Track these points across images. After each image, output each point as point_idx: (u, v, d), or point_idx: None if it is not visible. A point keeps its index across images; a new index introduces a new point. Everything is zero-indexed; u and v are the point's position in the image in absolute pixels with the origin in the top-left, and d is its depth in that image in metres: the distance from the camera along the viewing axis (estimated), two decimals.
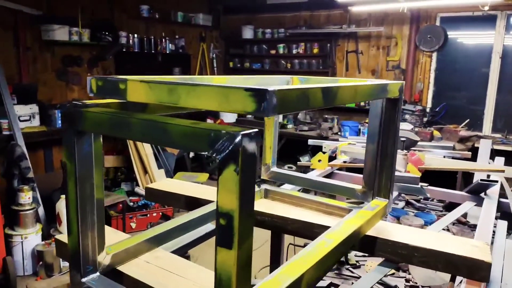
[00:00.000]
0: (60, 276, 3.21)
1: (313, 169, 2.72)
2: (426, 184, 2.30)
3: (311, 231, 1.52)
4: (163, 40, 5.87)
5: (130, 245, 1.23)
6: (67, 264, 2.75)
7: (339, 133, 5.44)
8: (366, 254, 2.07)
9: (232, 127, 0.71)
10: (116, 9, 5.18)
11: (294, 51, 6.51)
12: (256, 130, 0.70)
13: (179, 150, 5.63)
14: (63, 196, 3.57)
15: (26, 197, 3.26)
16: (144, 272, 1.15)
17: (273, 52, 6.73)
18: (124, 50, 5.28)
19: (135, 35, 5.41)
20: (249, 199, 0.71)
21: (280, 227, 1.63)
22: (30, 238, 3.25)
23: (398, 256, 1.34)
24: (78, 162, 0.95)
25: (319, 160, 2.72)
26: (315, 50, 6.32)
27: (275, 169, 1.89)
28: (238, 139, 0.67)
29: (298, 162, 3.07)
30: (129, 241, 1.25)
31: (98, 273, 1.05)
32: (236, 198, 0.69)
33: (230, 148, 0.68)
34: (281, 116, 6.18)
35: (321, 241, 1.13)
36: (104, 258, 1.14)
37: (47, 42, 4.40)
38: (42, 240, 3.37)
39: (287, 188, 2.08)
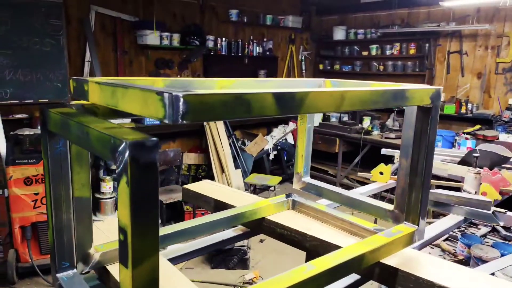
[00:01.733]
0: None
1: (373, 182, 2.48)
2: (503, 210, 1.92)
3: (327, 252, 1.36)
4: (251, 43, 5.98)
5: None
6: None
7: None
8: None
9: (133, 134, 0.65)
10: (206, 14, 5.43)
11: (388, 52, 6.07)
12: (154, 139, 0.63)
13: (259, 151, 5.68)
14: None
15: (107, 186, 3.60)
16: None
17: (365, 53, 6.38)
18: (212, 53, 5.51)
19: (223, 39, 5.61)
20: (146, 215, 0.63)
21: (298, 243, 1.50)
22: None
23: None
24: (50, 161, 0.98)
25: (381, 173, 2.47)
26: (412, 51, 5.80)
27: (307, 179, 1.76)
28: (123, 147, 0.61)
29: (358, 173, 2.83)
30: None
31: (74, 270, 1.08)
32: (128, 212, 0.62)
33: (123, 158, 0.62)
34: (367, 122, 5.82)
35: (302, 267, 1.00)
36: (91, 255, 1.16)
37: (142, 46, 4.82)
38: None
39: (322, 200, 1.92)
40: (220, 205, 1.75)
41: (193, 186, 2.00)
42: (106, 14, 4.51)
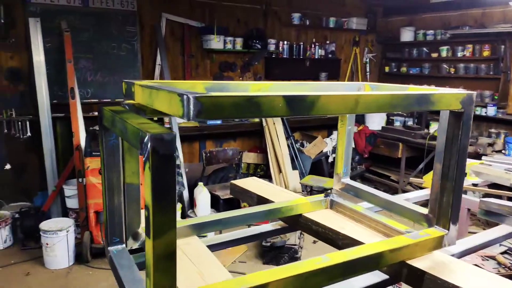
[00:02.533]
0: None
1: (425, 188, 2.44)
2: None
3: None
4: (313, 45, 6.02)
5: None
6: None
7: (503, 151, 4.57)
8: None
9: (157, 129, 0.78)
10: (269, 18, 5.58)
11: (459, 54, 5.74)
12: (173, 133, 0.76)
13: (318, 153, 5.70)
14: (200, 183, 4.11)
15: None
16: None
17: (434, 55, 6.09)
18: (273, 56, 5.64)
19: (285, 42, 5.72)
20: (164, 196, 0.76)
21: (331, 241, 1.56)
22: None
23: None
24: (105, 152, 1.16)
25: None
26: (485, 53, 5.43)
27: (346, 180, 1.81)
28: (147, 139, 0.74)
29: (410, 179, 2.76)
30: None
31: (123, 245, 1.25)
32: (150, 193, 0.76)
33: (146, 148, 0.75)
34: (434, 127, 5.55)
35: (318, 258, 1.07)
36: (139, 234, 1.34)
37: (207, 50, 5.10)
38: (181, 218, 3.96)
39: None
40: (262, 201, 1.86)
41: (240, 182, 2.13)
42: (175, 20, 4.85)
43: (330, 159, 6.00)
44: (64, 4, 4.22)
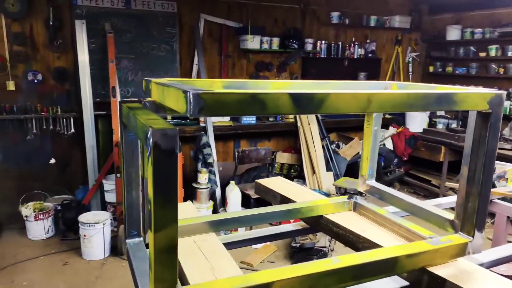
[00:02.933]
0: None
1: None
2: None
3: None
4: (352, 45, 5.89)
5: (189, 223, 1.43)
6: None
7: None
8: None
9: (162, 124, 0.80)
10: (307, 17, 5.53)
11: (510, 53, 5.40)
12: (175, 129, 0.77)
13: (354, 155, 5.57)
14: (232, 182, 4.15)
15: (203, 178, 3.96)
16: (181, 249, 1.32)
17: (482, 54, 5.77)
18: (310, 55, 5.59)
19: (323, 41, 5.64)
20: (165, 190, 0.77)
21: (351, 244, 1.53)
22: (202, 212, 3.93)
23: None
24: (124, 147, 1.20)
25: None
26: None
27: (371, 182, 1.76)
28: (150, 134, 0.75)
29: (445, 183, 2.62)
30: (189, 220, 1.45)
31: (140, 238, 1.29)
32: (151, 187, 0.77)
33: (149, 143, 0.77)
34: None
35: (329, 259, 1.05)
36: None
37: (244, 50, 5.14)
38: None
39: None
40: (285, 200, 1.84)
41: (264, 181, 2.12)
42: (214, 21, 4.92)
43: None
44: (108, 6, 4.41)
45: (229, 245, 1.53)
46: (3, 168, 4.31)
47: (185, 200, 3.97)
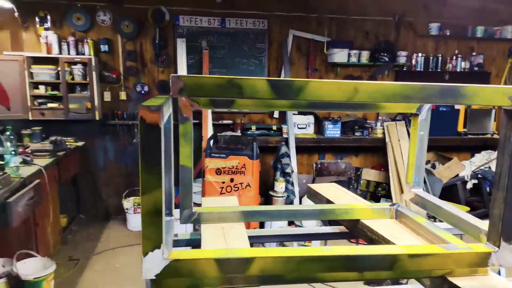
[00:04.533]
0: None
1: None
2: None
3: None
4: (454, 57, 5.46)
5: (221, 211, 1.55)
6: None
7: None
8: None
9: (151, 102, 0.93)
10: (402, 30, 5.32)
11: None
12: (158, 105, 0.89)
13: (452, 177, 5.10)
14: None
15: (279, 186, 4.05)
16: (208, 233, 1.44)
17: None
18: (404, 69, 5.34)
19: (419, 54, 5.35)
20: (150, 159, 0.90)
21: None
22: None
23: None
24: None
25: None
26: None
27: (417, 190, 1.68)
28: (138, 110, 0.90)
29: None
30: (222, 208, 1.58)
31: (172, 217, 1.44)
32: (140, 155, 0.91)
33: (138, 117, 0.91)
34: None
35: (321, 247, 1.06)
36: (191, 213, 1.52)
37: (331, 64, 5.15)
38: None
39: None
40: (328, 202, 1.85)
41: (315, 186, 2.14)
42: (302, 36, 5.06)
43: (469, 186, 5.29)
44: (206, 26, 4.87)
45: (261, 239, 1.61)
46: (114, 166, 5.01)
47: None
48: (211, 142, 4.19)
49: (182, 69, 4.77)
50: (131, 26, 4.68)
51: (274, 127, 4.89)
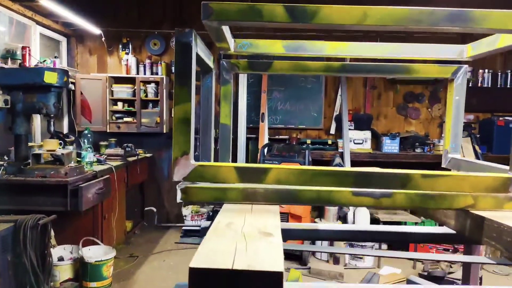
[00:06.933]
0: None
1: None
2: None
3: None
4: None
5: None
6: None
7: None
8: None
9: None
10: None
11: None
12: (187, 30, 1.06)
13: None
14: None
15: None
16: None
17: None
18: (470, 85, 5.13)
19: (486, 70, 5.13)
20: (182, 74, 1.07)
21: None
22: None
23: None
24: (202, 94, 1.55)
25: None
26: None
27: (453, 154, 1.66)
28: (174, 34, 1.07)
29: None
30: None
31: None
32: (175, 72, 1.08)
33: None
34: None
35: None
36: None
37: (390, 81, 5.12)
38: None
39: None
40: None
41: None
42: None
43: None
44: None
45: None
46: None
47: (315, 217, 4.11)
48: (265, 150, 4.33)
49: (242, 87, 5.04)
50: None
51: (330, 141, 4.92)
